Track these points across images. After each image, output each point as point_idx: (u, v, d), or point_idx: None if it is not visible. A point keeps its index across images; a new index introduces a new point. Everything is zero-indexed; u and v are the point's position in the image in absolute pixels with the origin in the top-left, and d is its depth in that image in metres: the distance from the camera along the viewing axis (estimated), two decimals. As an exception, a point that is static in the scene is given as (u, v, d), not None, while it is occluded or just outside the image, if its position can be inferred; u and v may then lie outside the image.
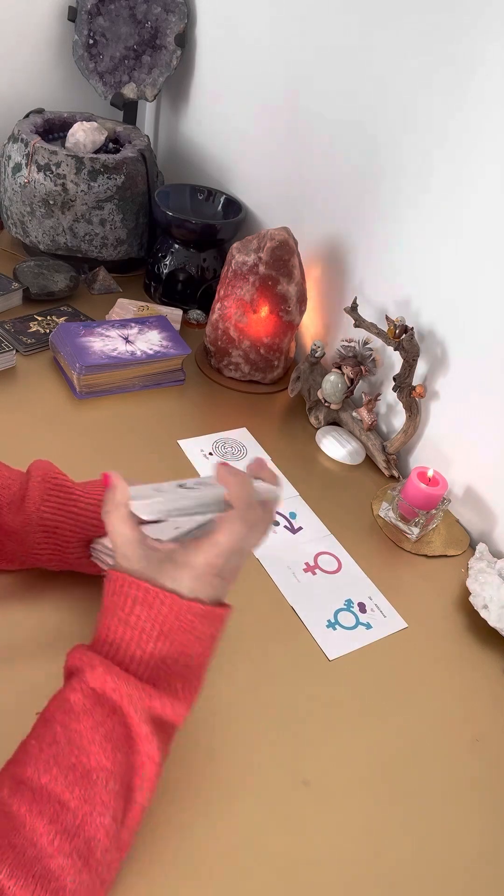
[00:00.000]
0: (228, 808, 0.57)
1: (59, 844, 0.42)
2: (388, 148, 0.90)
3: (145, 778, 0.48)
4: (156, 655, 0.49)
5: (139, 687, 0.48)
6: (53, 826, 0.43)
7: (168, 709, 0.48)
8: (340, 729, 0.65)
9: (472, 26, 0.75)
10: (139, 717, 0.48)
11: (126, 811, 0.47)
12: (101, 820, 0.44)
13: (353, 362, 0.99)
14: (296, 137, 1.07)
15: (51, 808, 0.43)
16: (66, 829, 0.43)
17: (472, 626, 0.78)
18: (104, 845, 0.44)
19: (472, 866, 0.57)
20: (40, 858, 0.41)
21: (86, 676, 0.48)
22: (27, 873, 0.40)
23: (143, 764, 0.48)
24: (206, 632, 0.51)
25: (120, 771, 0.46)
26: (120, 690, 0.48)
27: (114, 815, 0.45)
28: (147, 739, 0.48)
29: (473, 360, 0.86)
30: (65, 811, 0.43)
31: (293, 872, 0.54)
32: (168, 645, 0.50)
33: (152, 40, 1.29)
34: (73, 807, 0.44)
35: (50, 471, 0.65)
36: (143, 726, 0.48)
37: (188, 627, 0.50)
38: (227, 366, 1.07)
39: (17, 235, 1.19)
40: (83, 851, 0.43)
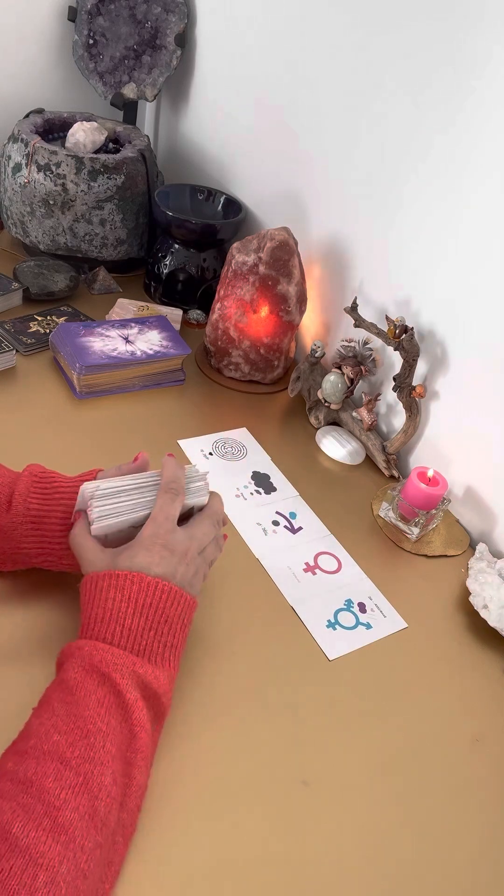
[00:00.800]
0: (228, 808, 0.57)
1: (65, 798, 0.45)
2: (388, 148, 0.90)
3: (138, 751, 0.51)
4: (134, 629, 0.55)
5: (123, 655, 0.53)
6: (58, 782, 0.45)
7: (151, 676, 0.53)
8: (340, 729, 0.65)
9: (473, 27, 0.75)
10: (127, 683, 0.52)
11: (125, 787, 0.49)
12: (102, 779, 0.47)
13: (353, 362, 0.99)
14: (296, 137, 1.07)
15: (53, 768, 0.46)
16: (69, 784, 0.46)
17: (472, 626, 0.78)
18: (106, 804, 0.46)
19: (473, 866, 0.57)
20: (49, 812, 0.44)
21: (75, 657, 0.54)
22: (38, 826, 0.43)
23: (135, 734, 0.51)
24: (176, 611, 0.57)
25: (115, 735, 0.50)
26: (106, 660, 0.53)
27: (113, 778, 0.48)
28: (137, 706, 0.51)
29: (473, 360, 0.86)
30: (67, 769, 0.46)
31: (293, 872, 0.54)
32: (143, 620, 0.55)
33: (152, 40, 1.29)
34: (74, 765, 0.47)
35: (38, 469, 0.67)
36: (133, 692, 0.52)
37: (159, 604, 0.56)
38: (227, 366, 1.07)
39: (17, 235, 1.19)
40: (88, 807, 0.45)
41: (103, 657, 0.53)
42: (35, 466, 0.67)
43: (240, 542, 0.81)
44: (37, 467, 0.67)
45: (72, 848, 0.43)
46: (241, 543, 0.81)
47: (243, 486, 0.89)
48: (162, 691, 0.54)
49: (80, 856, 0.43)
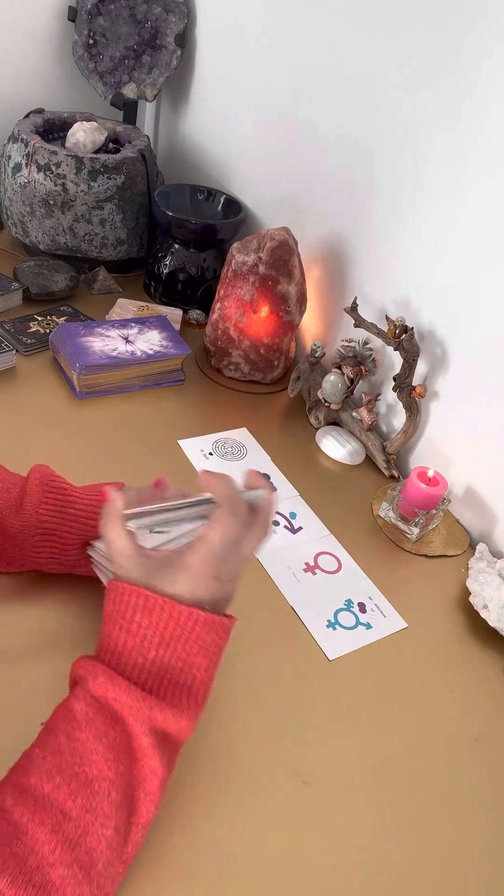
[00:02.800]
0: (228, 808, 0.57)
1: (60, 854, 0.42)
2: (388, 148, 0.90)
3: (148, 792, 0.47)
4: (157, 663, 0.49)
5: (140, 697, 0.48)
6: (55, 836, 0.42)
7: (170, 721, 0.48)
8: (340, 729, 0.65)
9: (473, 28, 0.75)
10: (140, 729, 0.47)
11: (129, 826, 0.46)
12: (103, 831, 0.44)
13: (353, 362, 0.99)
14: (296, 137, 1.07)
15: (53, 818, 0.43)
16: (67, 839, 0.43)
17: (472, 626, 0.78)
18: (106, 857, 0.44)
19: (472, 866, 0.57)
20: (41, 868, 0.41)
21: (88, 685, 0.49)
22: (28, 882, 0.40)
23: (145, 777, 0.47)
24: (208, 641, 0.51)
25: (122, 782, 0.46)
26: (121, 700, 0.48)
27: (116, 827, 0.45)
28: (148, 753, 0.47)
29: (473, 360, 0.86)
30: (66, 821, 0.43)
31: (293, 872, 0.54)
32: (170, 653, 0.50)
33: (152, 40, 1.29)
34: (74, 816, 0.43)
35: (48, 474, 0.65)
36: (145, 738, 0.47)
37: (189, 635, 0.50)
38: (227, 366, 1.07)
39: (17, 235, 1.19)
40: (84, 862, 0.43)
41: (118, 696, 0.48)
42: (43, 469, 0.65)
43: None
44: (45, 470, 0.65)
45: None
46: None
47: (243, 486, 0.89)
48: (182, 736, 0.50)
49: None
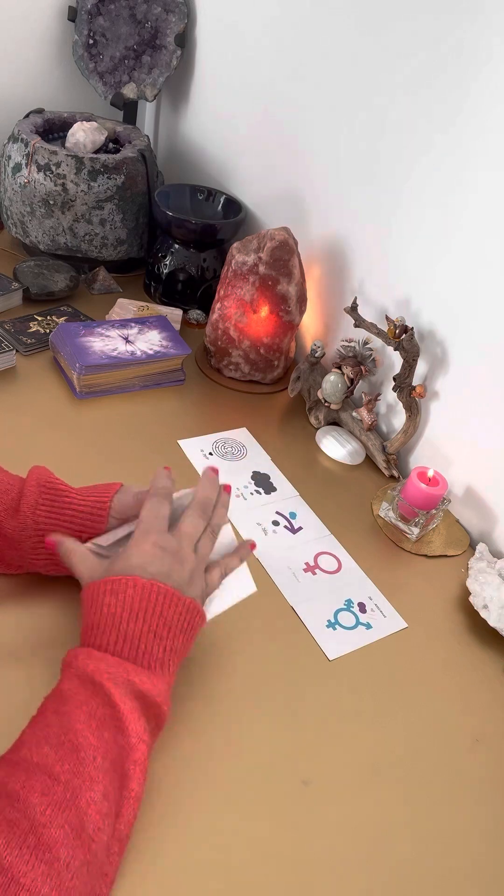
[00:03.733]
0: (228, 808, 0.57)
1: (50, 815, 0.44)
2: (388, 147, 0.90)
3: (136, 761, 0.49)
4: (131, 634, 0.54)
5: (117, 663, 0.52)
6: (45, 798, 0.44)
7: (147, 683, 0.52)
8: (340, 729, 0.65)
9: (471, 25, 0.75)
10: (121, 692, 0.50)
11: (120, 797, 0.48)
12: (91, 795, 0.46)
13: (353, 362, 0.99)
14: (296, 137, 1.07)
15: (41, 782, 0.45)
16: (56, 801, 0.44)
17: (472, 626, 0.78)
18: (94, 821, 0.45)
19: (473, 866, 0.57)
20: (34, 829, 0.43)
21: (71, 667, 0.53)
22: (22, 843, 0.42)
23: (133, 746, 0.49)
24: (172, 614, 0.55)
25: (107, 749, 0.48)
26: (100, 669, 0.51)
27: (104, 793, 0.47)
28: (133, 717, 0.50)
29: (473, 359, 0.86)
30: (55, 784, 0.45)
31: (293, 872, 0.54)
32: (142, 624, 0.54)
33: (152, 40, 1.29)
34: (63, 780, 0.45)
35: (46, 476, 0.65)
36: (127, 702, 0.50)
37: (155, 607, 0.55)
38: (227, 366, 1.07)
39: (17, 235, 1.19)
40: (75, 824, 0.44)
41: (97, 666, 0.52)
42: (41, 471, 0.65)
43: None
44: (43, 473, 0.65)
45: (56, 867, 0.42)
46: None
47: (243, 486, 0.89)
48: (161, 699, 0.52)
49: (65, 874, 0.42)
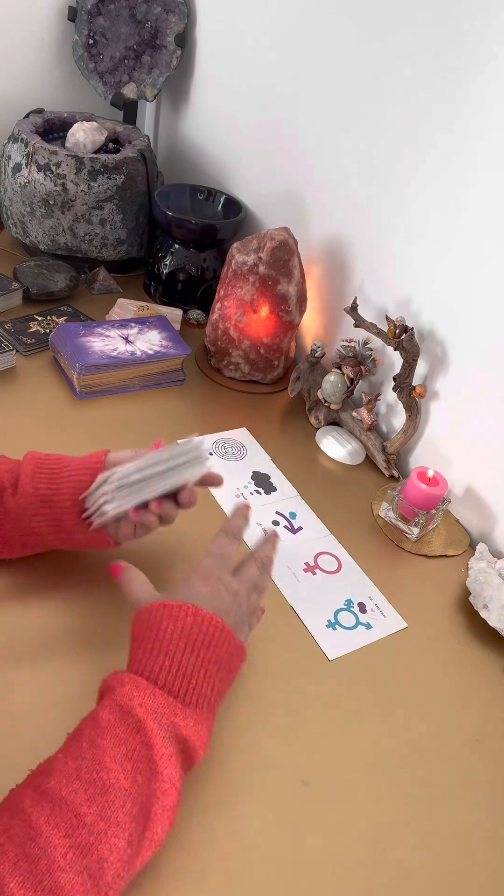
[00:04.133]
0: (228, 808, 0.57)
1: (71, 859, 0.42)
2: (388, 147, 0.90)
3: (166, 806, 0.47)
4: (184, 666, 0.52)
5: (165, 700, 0.50)
6: (68, 840, 0.43)
7: (192, 729, 0.50)
8: (340, 729, 0.65)
9: (472, 28, 0.75)
10: (163, 735, 0.48)
11: (142, 840, 0.46)
12: (116, 842, 0.44)
13: (353, 362, 0.99)
14: (296, 137, 1.07)
15: (67, 822, 0.43)
16: (79, 844, 0.43)
17: (472, 626, 0.78)
18: (115, 869, 0.43)
19: (473, 866, 0.57)
20: (51, 871, 0.41)
21: (115, 694, 0.50)
22: (37, 885, 0.40)
23: (165, 791, 0.47)
24: (225, 653, 0.54)
25: (139, 794, 0.46)
26: (146, 705, 0.49)
27: (129, 840, 0.45)
28: (170, 763, 0.48)
29: (473, 359, 0.86)
30: (81, 826, 0.43)
31: (293, 872, 0.54)
32: (195, 657, 0.52)
33: (152, 40, 1.29)
34: (89, 822, 0.44)
35: (39, 453, 0.68)
36: (168, 746, 0.48)
37: (211, 642, 0.53)
38: (227, 366, 1.07)
39: (17, 235, 1.19)
40: (94, 871, 0.42)
41: (142, 701, 0.49)
42: (34, 452, 0.67)
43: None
44: (37, 452, 0.67)
45: None
46: (241, 544, 0.81)
47: (243, 486, 0.89)
48: (200, 745, 0.51)
49: None
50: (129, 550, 0.73)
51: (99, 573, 0.72)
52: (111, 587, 0.71)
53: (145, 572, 0.61)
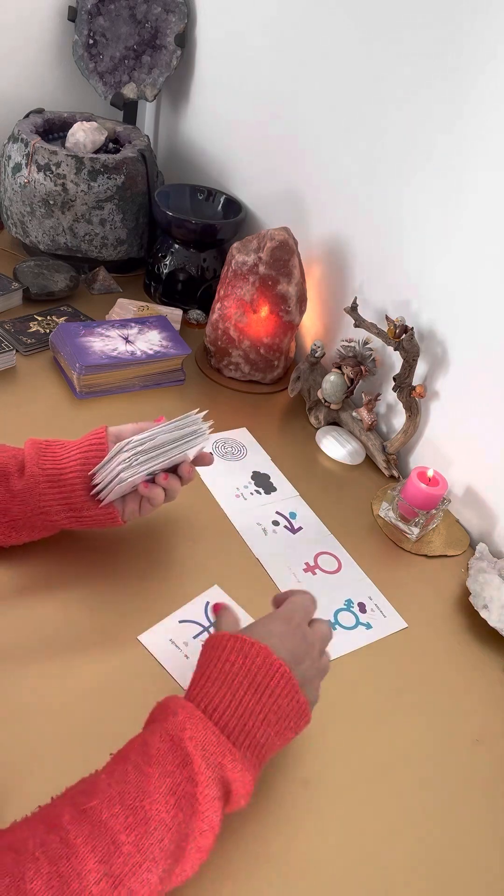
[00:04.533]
0: (228, 808, 0.57)
1: (103, 887, 0.41)
2: (388, 147, 0.90)
3: (200, 847, 0.47)
4: (243, 707, 0.51)
5: (217, 739, 0.49)
6: (103, 866, 0.42)
7: (237, 774, 0.48)
8: (340, 729, 0.65)
9: (473, 28, 0.75)
10: (209, 776, 0.47)
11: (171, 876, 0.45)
12: (148, 876, 0.43)
13: (353, 362, 0.98)
14: (296, 137, 1.07)
15: (105, 847, 0.43)
16: (113, 872, 0.42)
17: (472, 626, 0.78)
18: None
19: (473, 866, 0.57)
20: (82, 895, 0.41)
21: (167, 723, 0.49)
22: None
23: (203, 833, 0.47)
24: (287, 708, 0.52)
25: (177, 830, 0.45)
26: (196, 738, 0.48)
27: (161, 876, 0.44)
28: (213, 806, 0.47)
29: (473, 360, 0.86)
30: (117, 854, 0.43)
31: (292, 872, 0.54)
32: (255, 701, 0.51)
33: (152, 40, 1.29)
34: (125, 851, 0.43)
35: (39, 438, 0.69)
36: (213, 787, 0.47)
37: (275, 690, 0.52)
38: (227, 366, 1.07)
39: (17, 235, 1.19)
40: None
41: (194, 734, 0.48)
42: (35, 438, 0.68)
43: (240, 542, 0.81)
44: (37, 438, 0.68)
45: None
46: (242, 544, 0.81)
47: (243, 486, 0.89)
48: (243, 794, 0.49)
49: None
50: (129, 546, 0.73)
51: (99, 573, 0.72)
52: (111, 587, 0.71)
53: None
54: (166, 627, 0.68)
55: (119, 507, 0.68)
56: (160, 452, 0.66)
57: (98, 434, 0.67)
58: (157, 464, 0.66)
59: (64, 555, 0.72)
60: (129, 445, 0.64)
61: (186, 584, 0.73)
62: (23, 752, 0.56)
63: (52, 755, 0.56)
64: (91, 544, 0.75)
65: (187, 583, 0.74)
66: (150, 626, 0.68)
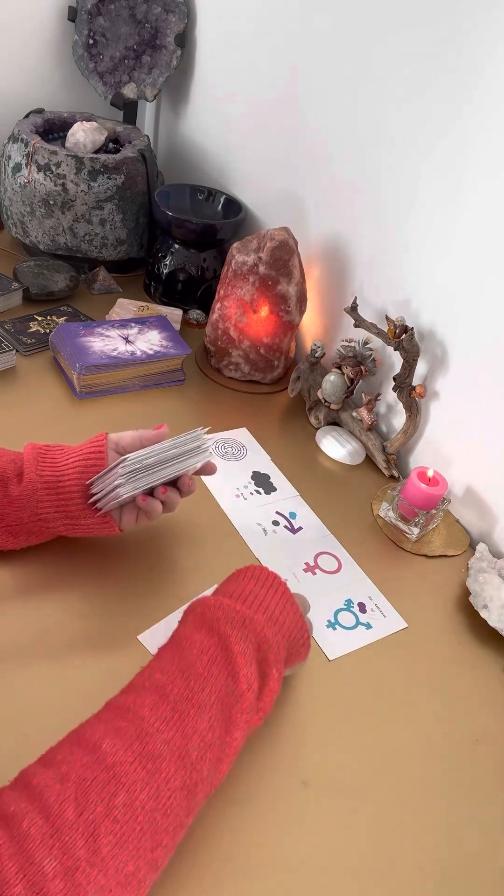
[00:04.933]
0: (228, 808, 0.57)
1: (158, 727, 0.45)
2: (388, 147, 0.90)
3: (243, 711, 0.50)
4: (259, 623, 0.54)
5: (242, 609, 0.54)
6: (154, 713, 0.46)
7: (266, 629, 0.54)
8: (340, 729, 0.65)
9: (474, 28, 0.75)
10: (237, 635, 0.52)
11: (224, 744, 0.49)
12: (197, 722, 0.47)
13: (353, 362, 0.98)
14: (296, 137, 1.07)
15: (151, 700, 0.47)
16: (165, 717, 0.46)
17: (472, 626, 0.78)
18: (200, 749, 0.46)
19: (472, 866, 0.57)
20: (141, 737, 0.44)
21: (194, 612, 0.55)
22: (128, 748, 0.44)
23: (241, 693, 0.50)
24: (296, 624, 0.58)
25: (216, 683, 0.49)
26: (217, 615, 0.53)
27: (210, 723, 0.47)
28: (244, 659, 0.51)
29: (473, 360, 0.86)
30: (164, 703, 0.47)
31: (292, 872, 0.54)
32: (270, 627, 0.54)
33: (152, 40, 1.29)
34: (171, 700, 0.48)
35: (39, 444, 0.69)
36: (241, 643, 0.51)
37: (290, 616, 0.57)
38: (227, 366, 1.07)
39: (17, 235, 1.19)
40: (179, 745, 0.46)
41: (215, 613, 0.53)
42: (34, 443, 0.69)
43: (240, 542, 0.81)
44: (36, 443, 0.68)
45: (157, 779, 0.43)
46: (242, 544, 0.81)
47: (243, 486, 0.89)
48: (275, 671, 0.53)
49: (163, 789, 0.43)
50: (129, 546, 0.73)
51: (99, 573, 0.72)
52: (111, 587, 0.71)
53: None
54: (166, 627, 0.68)
55: (116, 516, 0.67)
56: (159, 469, 0.66)
57: (98, 442, 0.67)
58: (156, 480, 0.66)
59: (64, 555, 0.72)
60: (127, 461, 0.63)
61: (186, 583, 0.73)
62: (23, 752, 0.56)
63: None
64: (91, 544, 0.75)
65: (187, 583, 0.74)
66: (150, 625, 0.68)
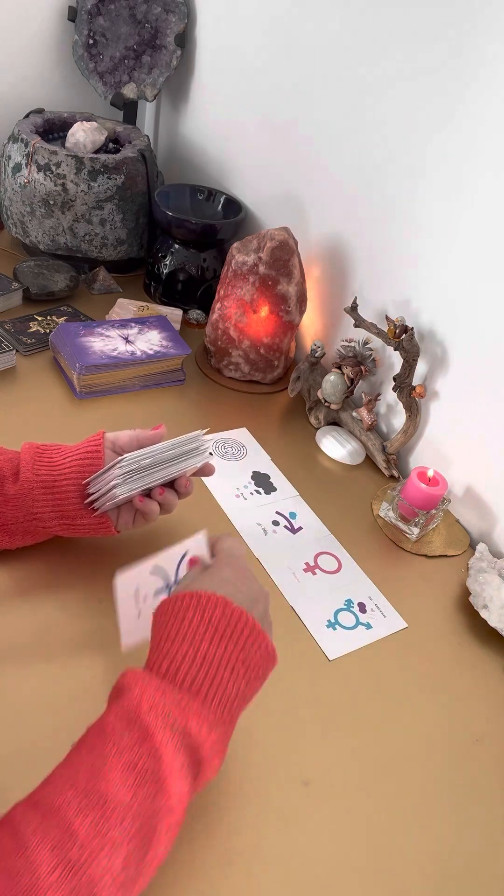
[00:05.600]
0: (228, 808, 0.57)
1: (57, 877, 0.38)
2: (388, 147, 0.90)
3: (170, 827, 0.43)
4: (208, 659, 0.48)
5: (179, 701, 0.46)
6: (56, 854, 0.38)
7: (204, 733, 0.45)
8: (340, 729, 0.65)
9: (473, 28, 0.75)
10: (173, 745, 0.44)
11: (142, 862, 0.42)
12: (109, 862, 0.39)
13: (353, 362, 0.98)
14: (296, 137, 1.07)
15: (57, 833, 0.39)
16: (68, 861, 0.39)
17: (472, 626, 0.78)
18: (109, 892, 0.39)
19: (473, 866, 0.57)
20: (35, 888, 0.37)
21: (123, 698, 0.47)
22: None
23: (171, 809, 0.43)
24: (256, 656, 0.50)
25: (141, 811, 0.42)
26: (156, 708, 0.45)
27: (125, 861, 0.40)
28: (179, 776, 0.44)
29: (473, 360, 0.86)
30: (71, 841, 0.39)
31: (293, 873, 0.54)
32: (221, 651, 0.48)
33: (152, 40, 1.29)
34: (80, 837, 0.39)
35: (36, 444, 0.68)
36: (179, 756, 0.44)
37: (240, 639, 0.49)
38: (227, 366, 1.07)
39: (17, 235, 1.19)
40: (83, 894, 0.38)
41: (154, 703, 0.45)
42: (31, 442, 0.68)
43: (240, 542, 0.81)
44: (33, 442, 0.68)
45: None
46: (242, 544, 0.81)
47: (243, 486, 0.89)
48: (216, 758, 0.46)
49: None
50: (128, 546, 0.73)
51: (99, 572, 0.72)
52: (111, 587, 0.71)
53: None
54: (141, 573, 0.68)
55: (113, 517, 0.67)
56: (156, 470, 0.66)
57: (95, 442, 0.67)
58: (153, 481, 0.65)
59: (64, 554, 0.72)
60: (124, 462, 0.63)
61: (186, 584, 0.73)
62: (23, 752, 0.56)
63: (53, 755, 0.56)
64: (91, 544, 0.74)
65: (187, 583, 0.74)
66: (150, 626, 0.68)
